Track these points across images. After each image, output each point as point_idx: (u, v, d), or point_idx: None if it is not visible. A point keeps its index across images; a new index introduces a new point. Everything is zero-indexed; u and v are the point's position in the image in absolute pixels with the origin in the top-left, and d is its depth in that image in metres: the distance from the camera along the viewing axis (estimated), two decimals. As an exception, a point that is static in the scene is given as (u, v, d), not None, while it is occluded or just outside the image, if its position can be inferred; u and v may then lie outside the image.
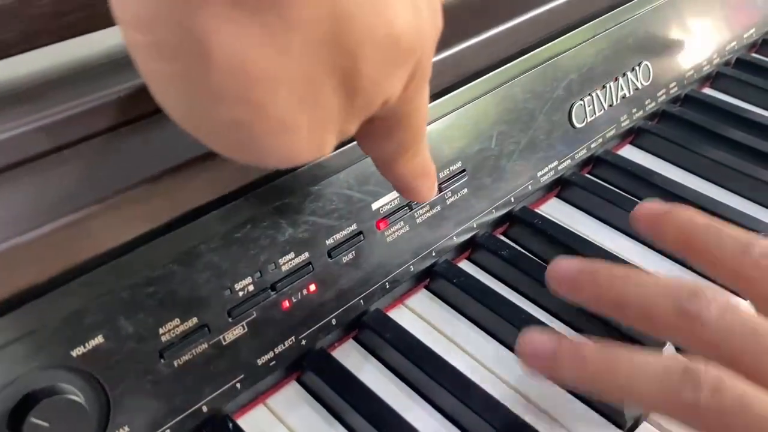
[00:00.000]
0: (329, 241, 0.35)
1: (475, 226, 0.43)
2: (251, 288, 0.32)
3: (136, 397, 0.29)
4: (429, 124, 0.39)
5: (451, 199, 0.41)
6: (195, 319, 0.31)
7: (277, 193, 0.33)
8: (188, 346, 0.31)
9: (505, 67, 0.42)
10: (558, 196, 0.48)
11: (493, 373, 0.37)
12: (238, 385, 0.33)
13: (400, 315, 0.39)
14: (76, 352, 0.28)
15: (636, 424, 0.34)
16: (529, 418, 0.34)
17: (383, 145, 0.28)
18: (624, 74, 0.50)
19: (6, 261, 0.24)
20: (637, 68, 0.51)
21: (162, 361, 0.30)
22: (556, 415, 0.34)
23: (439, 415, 0.35)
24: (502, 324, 0.38)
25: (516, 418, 0.33)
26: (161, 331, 0.30)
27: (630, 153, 0.52)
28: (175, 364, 0.30)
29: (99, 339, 0.28)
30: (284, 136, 0.21)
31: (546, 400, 0.35)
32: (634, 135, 0.53)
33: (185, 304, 0.30)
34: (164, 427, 0.31)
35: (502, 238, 0.45)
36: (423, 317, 0.40)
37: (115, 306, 0.28)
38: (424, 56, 0.23)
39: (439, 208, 0.40)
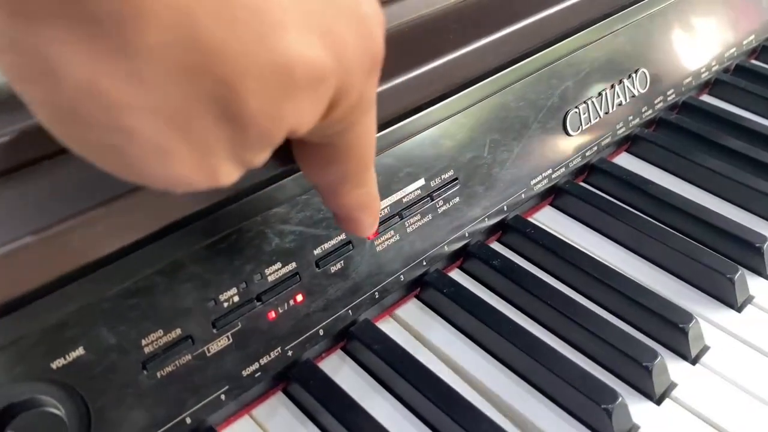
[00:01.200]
0: (317, 251, 0.35)
1: (467, 234, 0.42)
2: (236, 299, 0.32)
3: (118, 409, 0.29)
4: (423, 131, 0.39)
5: (443, 208, 0.41)
6: (179, 331, 0.30)
7: (263, 203, 0.33)
8: (172, 358, 0.30)
9: (498, 75, 0.41)
10: (552, 204, 0.48)
11: (482, 386, 0.36)
12: (223, 397, 0.32)
13: (389, 326, 0.39)
14: (56, 364, 0.27)
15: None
16: (516, 433, 0.33)
17: (325, 172, 0.27)
18: (620, 81, 0.50)
19: (-16, 273, 0.24)
20: (633, 75, 0.51)
21: (144, 372, 0.30)
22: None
23: (426, 428, 0.34)
24: (492, 335, 0.38)
25: (502, 432, 0.33)
26: (144, 342, 0.29)
27: (626, 161, 0.52)
28: (158, 375, 0.30)
29: (80, 351, 0.28)
30: (161, 162, 0.20)
31: (536, 416, 0.35)
32: (630, 143, 0.53)
33: (169, 315, 0.30)
34: (146, 440, 0.30)
35: (495, 247, 0.44)
36: (412, 328, 0.39)
37: (96, 317, 0.28)
38: (348, 83, 0.22)
39: (430, 216, 0.40)
